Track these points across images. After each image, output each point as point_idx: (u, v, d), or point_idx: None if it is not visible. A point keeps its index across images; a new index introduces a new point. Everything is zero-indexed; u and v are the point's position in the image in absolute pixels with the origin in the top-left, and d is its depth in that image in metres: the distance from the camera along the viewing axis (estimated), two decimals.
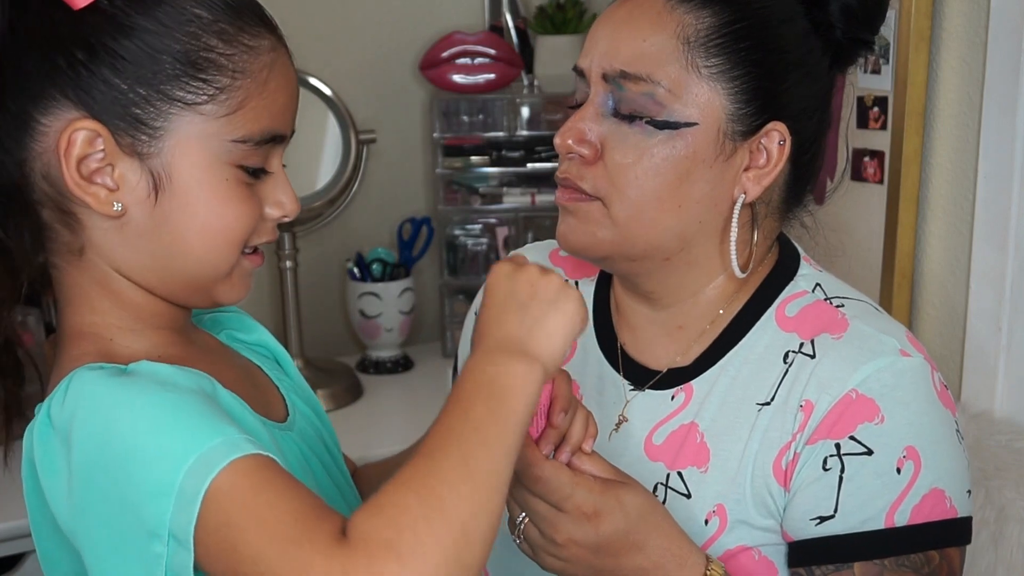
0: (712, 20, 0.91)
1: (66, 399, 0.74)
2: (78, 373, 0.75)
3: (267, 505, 0.68)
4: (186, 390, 0.75)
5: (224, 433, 0.71)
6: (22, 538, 1.60)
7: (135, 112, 0.76)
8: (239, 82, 0.78)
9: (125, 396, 0.73)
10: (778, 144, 0.93)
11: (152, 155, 0.77)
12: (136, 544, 0.71)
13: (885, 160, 1.61)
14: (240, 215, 0.80)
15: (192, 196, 0.78)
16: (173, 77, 0.76)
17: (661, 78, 0.90)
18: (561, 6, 2.16)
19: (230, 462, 0.69)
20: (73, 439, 0.73)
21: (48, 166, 0.78)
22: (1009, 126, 1.45)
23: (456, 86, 2.15)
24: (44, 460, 0.75)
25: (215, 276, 0.81)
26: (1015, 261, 1.47)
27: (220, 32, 0.78)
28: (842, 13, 0.95)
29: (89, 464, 0.72)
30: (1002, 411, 1.51)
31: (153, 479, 0.70)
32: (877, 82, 1.61)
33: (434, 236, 2.20)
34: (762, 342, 0.97)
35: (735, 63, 0.91)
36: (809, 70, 0.95)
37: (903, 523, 0.90)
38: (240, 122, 0.78)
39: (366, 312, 2.11)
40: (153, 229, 0.78)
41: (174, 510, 0.69)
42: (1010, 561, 1.35)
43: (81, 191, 0.77)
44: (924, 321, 1.64)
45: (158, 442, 0.70)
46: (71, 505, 0.74)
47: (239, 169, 0.79)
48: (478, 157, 2.17)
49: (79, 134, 0.75)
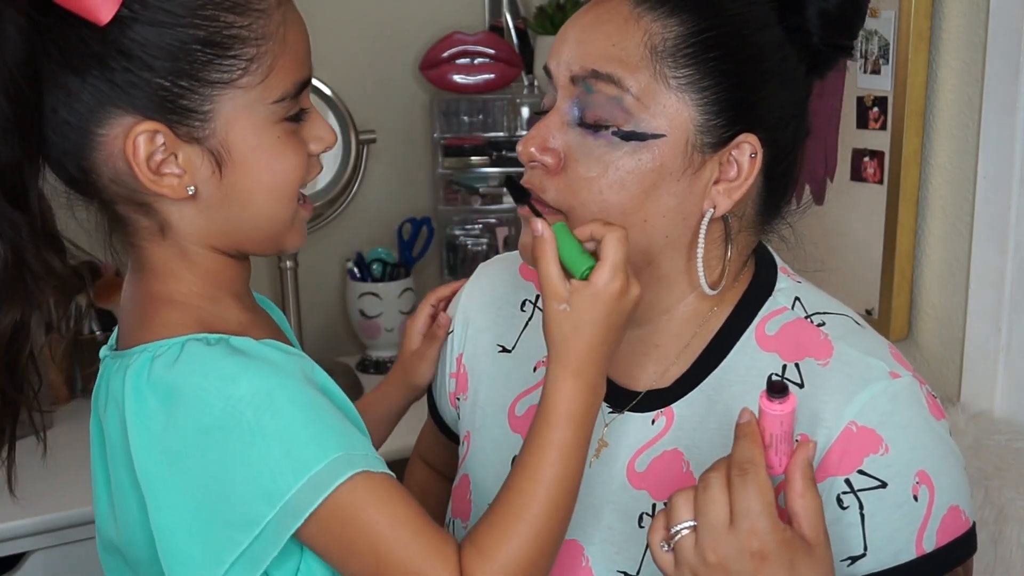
0: (680, 29, 0.88)
1: (178, 363, 0.79)
2: (193, 343, 0.81)
3: (387, 526, 0.78)
4: (316, 388, 0.82)
5: (346, 446, 0.78)
6: (22, 538, 1.61)
7: (183, 104, 0.80)
8: (264, 47, 0.82)
9: (263, 385, 0.78)
10: (749, 156, 0.90)
11: (208, 136, 0.82)
12: (213, 524, 0.77)
13: (885, 160, 1.61)
14: (296, 164, 0.85)
15: (252, 162, 0.83)
16: (206, 62, 0.80)
17: (630, 84, 0.87)
18: (561, 6, 2.16)
19: (350, 476, 0.77)
20: (184, 405, 0.78)
21: (115, 171, 0.82)
22: (1009, 126, 1.45)
23: (456, 86, 2.16)
24: (134, 408, 0.81)
25: (282, 227, 0.87)
26: (1015, 261, 1.47)
27: (232, 7, 0.81)
28: (819, 19, 0.91)
29: (197, 434, 0.77)
30: (1002, 411, 1.51)
31: (267, 481, 0.76)
32: (877, 82, 1.61)
33: (434, 236, 2.20)
34: (743, 363, 0.95)
35: (704, 73, 0.88)
36: (784, 79, 0.91)
37: (931, 548, 0.89)
38: (275, 83, 0.83)
39: (366, 312, 2.11)
40: (224, 199, 0.84)
41: (278, 514, 0.76)
42: (1009, 561, 1.35)
43: (156, 186, 0.82)
44: (924, 321, 1.64)
45: (285, 447, 0.77)
46: (159, 461, 0.79)
47: (284, 122, 0.84)
48: (478, 157, 2.17)
49: (140, 137, 0.80)
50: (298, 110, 0.85)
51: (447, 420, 1.17)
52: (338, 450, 0.78)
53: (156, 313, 0.85)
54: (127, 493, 0.84)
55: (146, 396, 0.80)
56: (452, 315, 1.15)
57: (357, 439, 0.80)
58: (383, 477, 0.80)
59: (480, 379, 1.09)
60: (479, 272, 1.16)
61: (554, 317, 0.84)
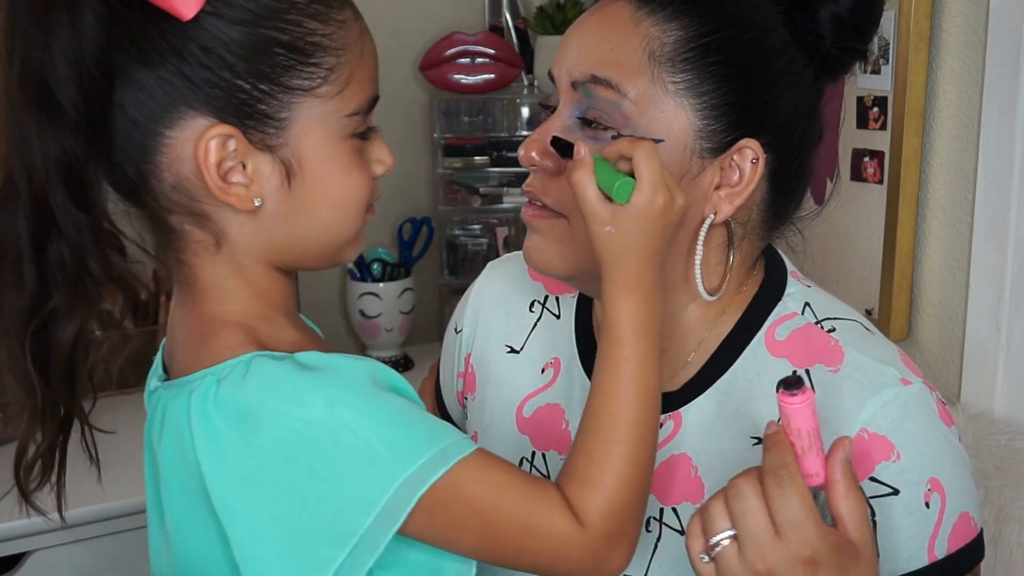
0: (679, 34, 0.87)
1: (246, 382, 0.76)
2: (260, 359, 0.77)
3: (489, 493, 0.77)
4: (388, 390, 0.79)
5: (435, 441, 0.76)
6: (22, 538, 1.61)
7: (261, 108, 0.77)
8: (343, 58, 0.80)
9: (338, 398, 0.75)
10: (751, 162, 0.89)
11: (281, 145, 0.79)
12: (305, 545, 0.74)
13: (885, 160, 1.61)
14: (363, 181, 0.82)
15: (321, 175, 0.80)
16: (288, 67, 0.78)
17: (628, 89, 0.87)
18: (561, 6, 2.16)
19: (450, 468, 0.75)
20: (259, 427, 0.75)
21: (178, 176, 0.78)
22: (1009, 126, 1.45)
23: (456, 86, 2.16)
24: (204, 434, 0.76)
25: (345, 241, 0.85)
26: (1015, 261, 1.47)
27: (315, 14, 0.79)
28: (831, 23, 0.90)
29: (277, 457, 0.74)
30: (1002, 411, 1.51)
31: (358, 493, 0.74)
32: (877, 82, 1.61)
33: (434, 236, 2.20)
34: (752, 369, 0.94)
35: (703, 78, 0.87)
36: (789, 83, 0.90)
37: (943, 554, 0.89)
38: (351, 96, 0.80)
39: (366, 312, 2.11)
40: (288, 213, 0.81)
41: (374, 521, 0.73)
42: (1010, 561, 1.35)
43: (224, 194, 0.78)
44: (924, 321, 1.64)
45: (370, 457, 0.74)
46: (238, 487, 0.75)
47: (353, 138, 0.82)
48: (478, 157, 2.17)
49: (213, 141, 0.76)
50: (366, 128, 0.83)
51: (454, 419, 1.17)
52: (430, 448, 0.75)
53: (214, 336, 0.81)
54: (186, 525, 0.81)
55: (214, 420, 0.76)
56: (461, 313, 1.14)
57: (442, 429, 0.78)
58: (472, 453, 0.77)
59: (488, 379, 1.09)
60: (489, 270, 1.15)
61: (600, 240, 0.83)
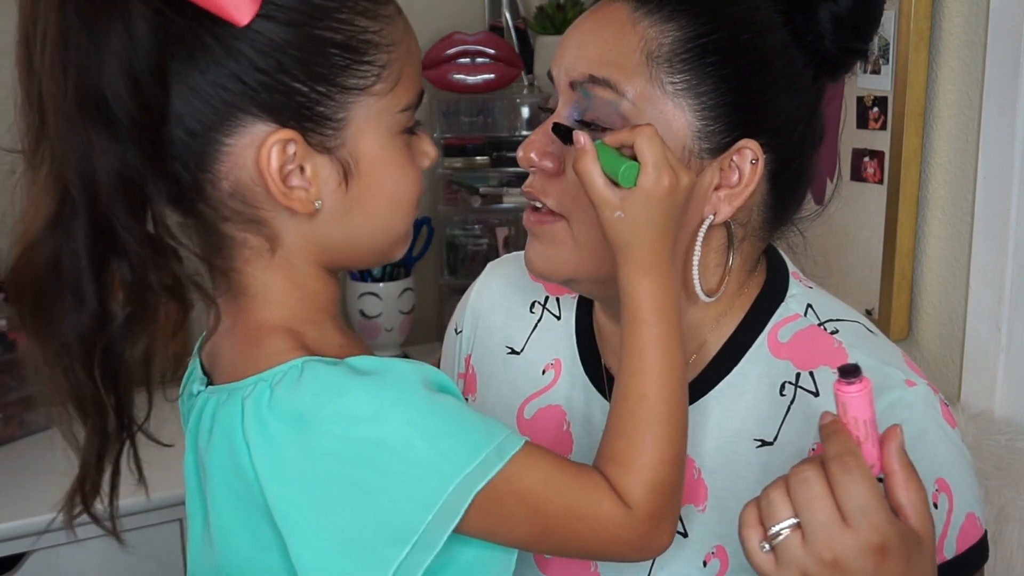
0: (677, 34, 0.87)
1: (300, 387, 0.75)
2: (312, 363, 0.76)
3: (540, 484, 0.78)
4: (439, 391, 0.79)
5: (489, 438, 0.76)
6: (22, 538, 1.60)
7: (319, 110, 0.77)
8: (394, 54, 0.80)
9: (392, 401, 0.75)
10: (750, 162, 0.88)
11: (339, 146, 0.79)
12: (364, 541, 0.74)
13: (885, 160, 1.61)
14: (415, 177, 0.83)
15: (377, 173, 0.80)
16: (343, 67, 0.77)
17: (627, 89, 0.86)
18: (561, 6, 2.16)
19: (505, 463, 0.75)
20: (316, 432, 0.74)
21: (236, 183, 0.77)
22: (1009, 126, 1.45)
23: (456, 86, 2.16)
24: (259, 440, 0.76)
25: (397, 238, 0.85)
26: (1015, 261, 1.47)
27: (364, 11, 0.79)
28: (831, 23, 0.90)
29: (336, 461, 0.74)
30: (1002, 411, 1.51)
31: (420, 489, 0.74)
32: (877, 82, 1.61)
33: (434, 236, 2.20)
34: (755, 371, 0.93)
35: (701, 79, 0.86)
36: (788, 83, 0.90)
37: (952, 555, 0.89)
38: (402, 92, 0.81)
39: (366, 312, 2.11)
40: (345, 213, 0.80)
41: (433, 519, 0.73)
42: (1010, 561, 1.35)
43: (287, 199, 0.77)
44: (924, 321, 1.64)
45: (428, 458, 0.74)
46: (297, 491, 0.75)
47: (403, 134, 0.82)
48: (478, 157, 2.17)
49: (275, 146, 0.76)
50: (415, 122, 0.83)
51: None
52: (486, 445, 0.75)
53: (264, 342, 0.80)
54: (234, 530, 0.81)
55: (270, 425, 0.75)
56: (461, 314, 1.14)
57: (494, 426, 0.78)
58: (523, 446, 0.78)
59: (488, 381, 1.09)
60: (489, 271, 1.15)
61: (611, 225, 0.83)
